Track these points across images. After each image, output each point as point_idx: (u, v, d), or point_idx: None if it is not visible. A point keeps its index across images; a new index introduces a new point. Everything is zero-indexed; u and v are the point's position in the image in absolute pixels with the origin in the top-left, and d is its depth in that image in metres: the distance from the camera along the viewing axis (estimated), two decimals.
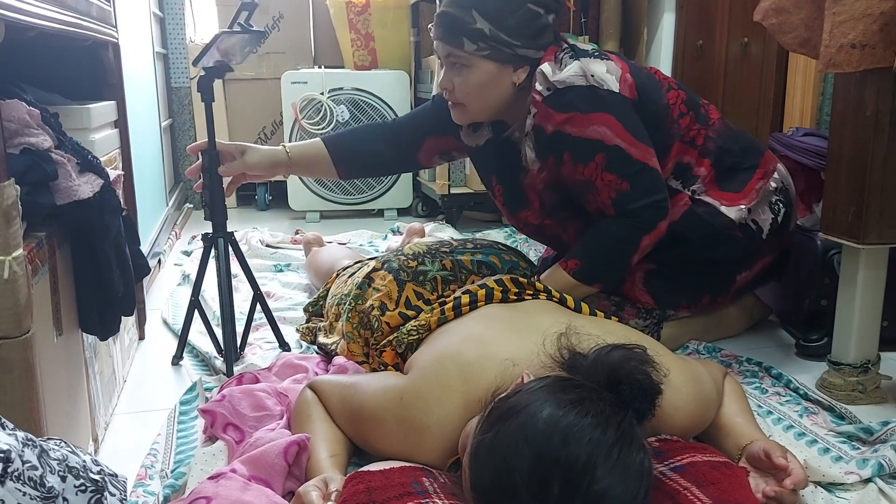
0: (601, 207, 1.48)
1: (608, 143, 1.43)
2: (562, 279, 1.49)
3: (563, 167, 1.48)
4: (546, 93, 1.46)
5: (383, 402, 1.10)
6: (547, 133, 1.46)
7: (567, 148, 1.46)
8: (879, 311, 1.42)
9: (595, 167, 1.45)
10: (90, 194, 1.07)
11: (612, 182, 1.45)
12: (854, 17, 1.23)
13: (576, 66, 1.45)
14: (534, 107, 1.47)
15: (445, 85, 1.50)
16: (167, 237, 2.61)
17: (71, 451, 0.75)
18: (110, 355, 1.42)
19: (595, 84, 1.44)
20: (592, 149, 1.44)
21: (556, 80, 1.45)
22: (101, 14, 1.52)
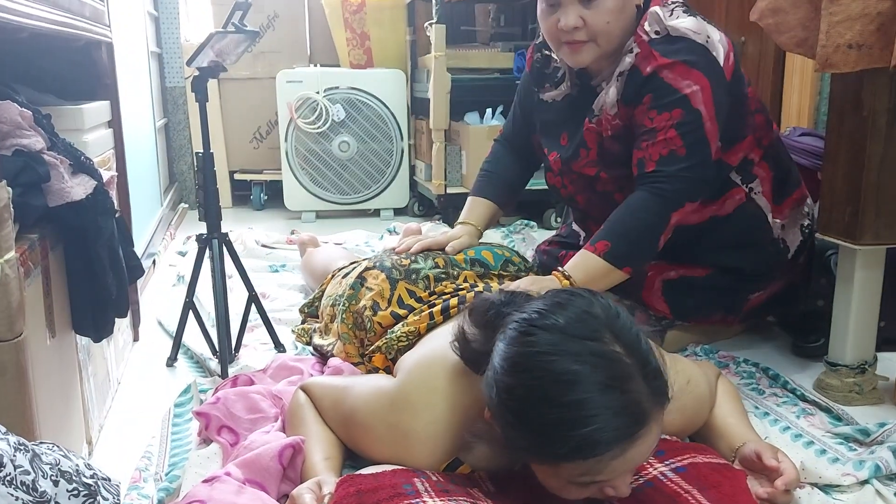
0: (644, 159, 1.41)
1: (693, 104, 1.38)
2: (593, 264, 1.38)
3: (637, 108, 1.43)
4: (654, 35, 1.41)
5: (374, 408, 1.10)
6: (643, 74, 1.41)
7: (652, 90, 1.40)
8: (876, 311, 1.42)
9: (668, 118, 1.39)
10: (83, 196, 1.06)
11: (672, 140, 1.39)
12: (851, 18, 1.22)
13: (692, 21, 1.42)
14: (637, 46, 1.42)
15: (574, 23, 1.40)
16: (162, 237, 2.60)
17: (63, 454, 0.74)
18: (104, 357, 1.41)
19: (707, 46, 1.40)
20: (675, 101, 1.38)
21: (671, 26, 1.40)
22: (94, 14, 1.51)
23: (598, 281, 1.35)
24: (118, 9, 2.00)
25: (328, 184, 3.21)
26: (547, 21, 1.44)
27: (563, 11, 1.41)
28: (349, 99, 3.15)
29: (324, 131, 3.14)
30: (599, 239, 1.40)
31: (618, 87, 1.45)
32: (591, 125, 1.51)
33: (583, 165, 1.55)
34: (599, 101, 1.49)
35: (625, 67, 1.43)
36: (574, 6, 1.40)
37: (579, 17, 1.39)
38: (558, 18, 1.41)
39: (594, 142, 1.52)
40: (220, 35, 1.42)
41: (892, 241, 1.35)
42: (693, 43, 1.40)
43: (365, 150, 3.21)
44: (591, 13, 1.39)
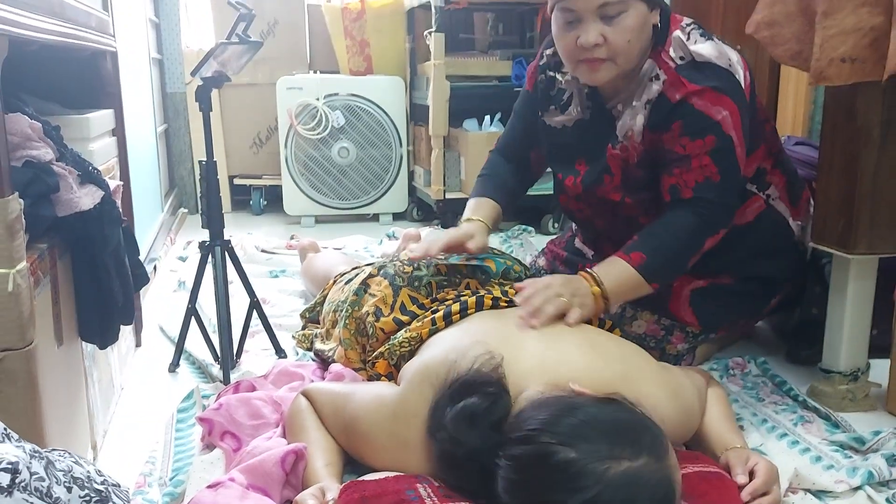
0: (679, 186, 1.39)
1: (725, 130, 1.36)
2: (626, 275, 1.35)
3: (665, 135, 1.40)
4: (679, 61, 1.39)
5: (375, 417, 1.11)
6: (672, 102, 1.38)
7: (682, 117, 1.38)
8: (869, 319, 1.45)
9: (701, 146, 1.37)
10: (91, 206, 1.08)
11: (707, 167, 1.38)
12: (844, 32, 1.25)
13: (712, 46, 1.40)
14: (664, 73, 1.40)
15: (595, 40, 1.35)
16: (162, 243, 2.62)
17: (75, 461, 0.76)
18: (108, 363, 1.43)
19: (731, 70, 1.39)
20: (708, 128, 1.37)
21: (695, 52, 1.39)
22: (99, 24, 1.53)
23: (626, 293, 1.36)
24: (121, 17, 2.01)
25: (327, 189, 3.23)
26: (565, 38, 1.40)
27: (583, 28, 1.36)
28: (349, 105, 3.17)
29: (323, 137, 3.16)
30: (634, 250, 1.37)
31: (645, 115, 1.42)
32: (616, 152, 1.48)
33: (607, 191, 1.52)
34: (624, 128, 1.46)
35: (652, 95, 1.41)
36: (595, 23, 1.35)
37: (600, 34, 1.35)
38: (578, 35, 1.37)
39: (618, 168, 1.49)
40: (225, 46, 1.44)
41: (884, 251, 1.38)
42: (719, 68, 1.38)
43: (364, 156, 3.23)
44: (612, 30, 1.35)
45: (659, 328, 1.57)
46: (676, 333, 1.57)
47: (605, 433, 0.86)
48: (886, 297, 1.49)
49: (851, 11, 1.24)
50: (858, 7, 1.23)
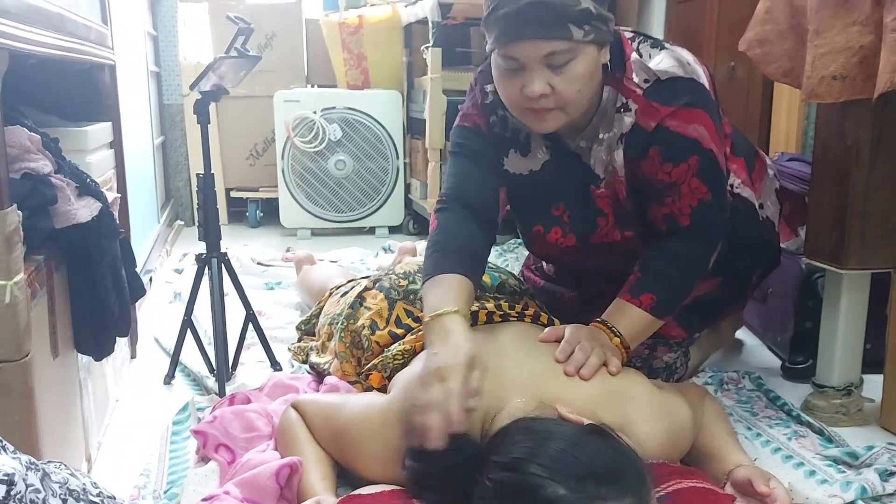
0: (674, 215, 1.33)
1: (704, 145, 1.30)
2: (639, 319, 1.30)
3: (643, 163, 1.32)
4: (644, 85, 1.29)
5: (366, 426, 1.12)
6: (648, 131, 1.29)
7: (658, 143, 1.30)
8: (862, 334, 1.45)
9: (686, 169, 1.30)
10: (88, 218, 1.09)
11: (697, 189, 1.31)
12: (835, 50, 1.26)
13: (667, 56, 1.31)
14: (633, 102, 1.30)
15: (541, 90, 1.21)
16: (158, 255, 2.62)
17: (71, 473, 0.76)
18: (103, 374, 1.43)
19: (693, 76, 1.31)
20: (688, 149, 1.29)
21: (658, 70, 1.29)
22: (99, 37, 1.54)
23: (641, 336, 1.32)
24: (120, 30, 2.03)
25: (324, 201, 3.24)
26: (508, 85, 1.25)
27: (528, 77, 1.21)
28: (346, 118, 3.19)
29: (320, 150, 3.17)
30: (642, 291, 1.31)
31: (622, 150, 1.33)
32: (602, 191, 1.38)
33: (604, 235, 1.42)
34: (603, 164, 1.36)
35: (625, 129, 1.32)
36: (541, 71, 1.20)
37: (547, 84, 1.21)
38: (522, 84, 1.22)
39: (610, 207, 1.40)
40: (224, 59, 1.45)
41: (876, 266, 1.39)
42: (683, 80, 1.30)
43: (361, 169, 3.24)
44: (560, 80, 1.21)
45: (643, 347, 1.51)
46: (660, 348, 1.56)
47: (593, 471, 0.84)
48: (879, 313, 1.50)
49: (842, 30, 1.26)
50: (849, 26, 1.25)
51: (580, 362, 1.16)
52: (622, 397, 1.13)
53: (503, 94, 1.29)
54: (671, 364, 1.57)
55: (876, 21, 1.21)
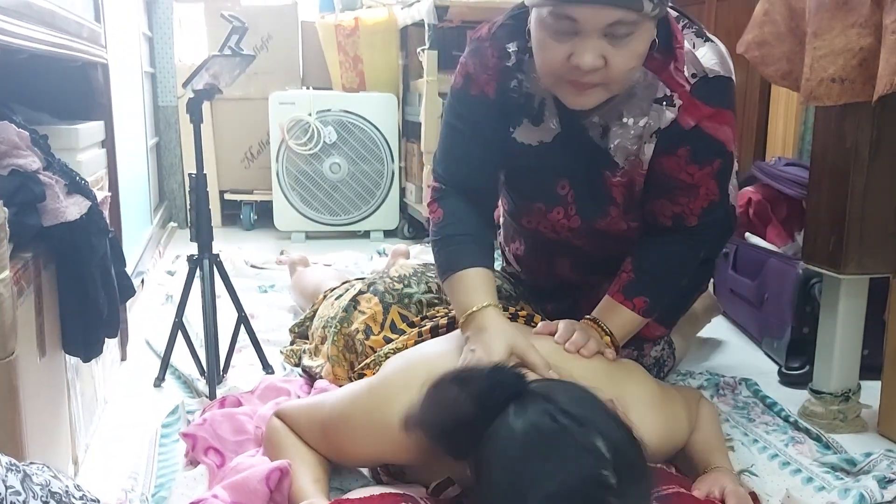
0: (684, 215, 1.29)
1: (728, 148, 1.26)
2: (630, 321, 1.29)
3: (667, 159, 1.26)
4: (692, 80, 1.21)
5: (351, 399, 1.10)
6: (685, 129, 1.22)
7: (690, 143, 1.23)
8: (860, 340, 1.44)
9: (709, 172, 1.26)
10: (77, 216, 1.07)
11: (711, 191, 1.28)
12: (834, 52, 1.25)
13: (712, 50, 1.24)
14: (679, 98, 1.22)
15: (594, 63, 1.09)
16: (151, 256, 2.60)
17: (53, 475, 0.74)
18: (92, 376, 1.41)
19: (731, 75, 1.25)
20: (715, 151, 1.25)
21: (707, 67, 1.22)
22: (91, 35, 1.52)
23: (630, 335, 1.32)
24: (114, 29, 2.01)
25: (318, 205, 3.22)
26: (553, 50, 1.12)
27: (581, 44, 1.09)
28: (341, 121, 3.17)
29: (315, 153, 3.15)
30: (636, 294, 1.28)
31: (654, 144, 1.26)
32: (618, 179, 1.31)
33: (612, 223, 1.36)
34: (626, 155, 1.28)
35: (664, 124, 1.23)
36: (597, 42, 1.08)
37: (601, 56, 1.09)
38: (571, 52, 1.10)
39: (623, 197, 1.33)
40: (217, 58, 1.43)
41: (875, 271, 1.38)
42: (724, 80, 1.24)
43: (356, 172, 3.23)
44: (616, 53, 1.10)
45: (631, 349, 1.52)
46: (646, 345, 1.56)
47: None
48: (878, 318, 1.49)
49: (841, 32, 1.25)
50: (848, 28, 1.24)
51: (580, 343, 1.15)
52: (623, 382, 1.13)
53: (542, 58, 1.15)
54: (659, 359, 1.57)
55: (875, 23, 1.20)
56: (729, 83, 1.26)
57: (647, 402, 1.12)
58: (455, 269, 1.22)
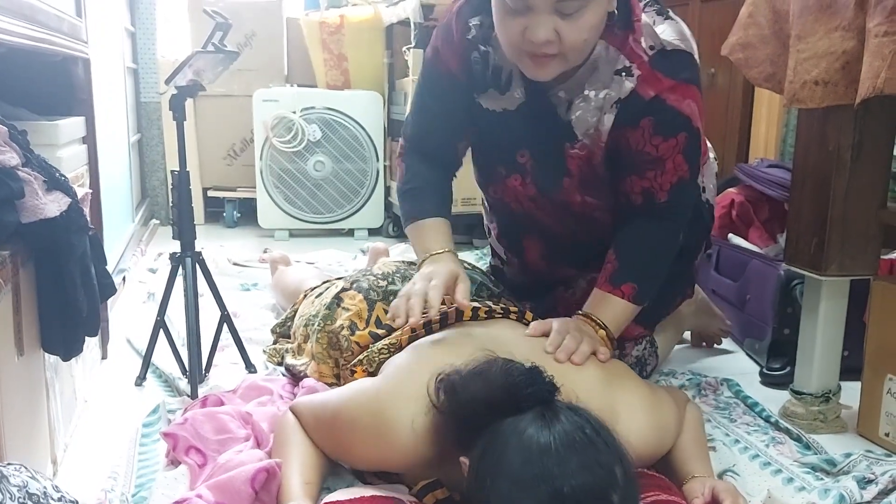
0: (653, 190, 1.30)
1: (694, 122, 1.27)
2: (622, 310, 1.31)
3: (631, 132, 1.27)
4: (650, 52, 1.25)
5: (358, 402, 1.09)
6: (646, 99, 1.25)
7: (653, 114, 1.25)
8: (840, 341, 1.45)
9: (674, 145, 1.27)
10: (57, 213, 1.06)
11: (679, 166, 1.28)
12: (817, 55, 1.26)
13: (671, 26, 1.28)
14: (637, 69, 1.25)
15: (546, 37, 1.15)
16: (132, 254, 2.58)
17: (31, 476, 0.73)
18: (71, 375, 1.39)
19: (692, 52, 1.28)
20: (680, 125, 1.26)
21: (665, 40, 1.25)
22: (72, 30, 1.51)
23: (624, 324, 1.32)
24: (96, 24, 1.99)
25: (302, 203, 3.21)
26: (509, 25, 1.19)
27: (533, 19, 1.16)
28: (325, 119, 3.16)
29: (299, 150, 3.14)
30: (623, 281, 1.30)
31: (613, 115, 1.29)
32: (576, 151, 1.34)
33: (566, 194, 1.40)
34: (585, 127, 1.31)
35: (623, 94, 1.26)
36: (548, 16, 1.15)
37: (553, 31, 1.16)
38: (525, 27, 1.17)
39: (578, 168, 1.36)
40: (201, 55, 1.42)
41: (856, 273, 1.39)
42: (685, 55, 1.27)
43: (340, 170, 3.22)
44: (568, 27, 1.16)
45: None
46: (627, 344, 1.57)
47: None
48: (858, 320, 1.50)
49: (824, 35, 1.25)
50: (831, 31, 1.25)
51: (571, 349, 1.15)
52: (613, 386, 1.13)
53: (501, 34, 1.23)
54: (641, 357, 1.57)
55: (859, 27, 1.21)
56: (689, 58, 1.28)
57: (638, 408, 1.12)
58: (416, 218, 1.38)
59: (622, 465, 0.85)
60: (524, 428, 0.85)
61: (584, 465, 0.82)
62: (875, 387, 1.39)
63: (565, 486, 0.80)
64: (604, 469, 0.83)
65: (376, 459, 1.08)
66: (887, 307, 1.37)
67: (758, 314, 1.77)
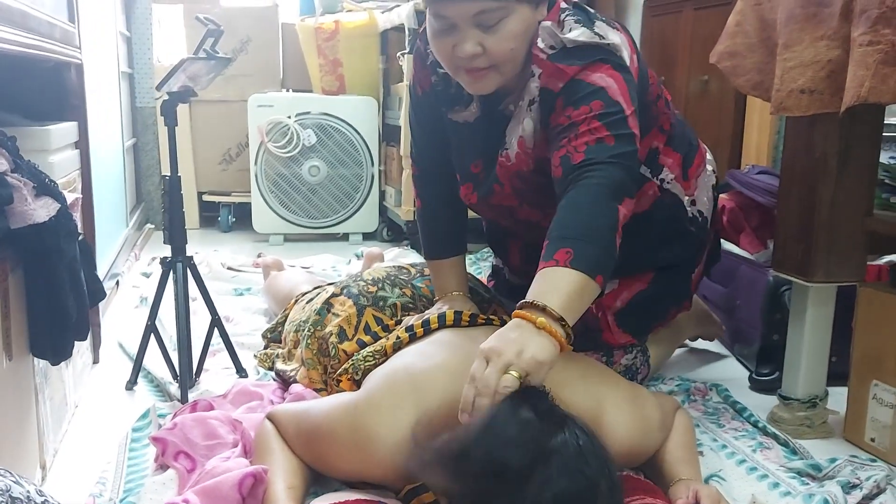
0: (569, 153, 1.19)
1: (612, 96, 1.21)
2: (564, 280, 1.05)
3: (551, 118, 1.26)
4: (550, 51, 1.26)
5: (337, 415, 1.10)
6: (555, 91, 1.24)
7: (563, 93, 1.23)
8: (827, 347, 1.46)
9: (587, 111, 1.20)
10: (46, 218, 1.06)
11: (597, 129, 1.19)
12: (803, 64, 1.27)
13: (587, 31, 1.26)
14: (537, 66, 1.26)
15: (472, 51, 1.20)
16: (126, 258, 2.58)
17: (15, 480, 0.74)
18: (62, 380, 1.40)
19: (611, 49, 1.26)
20: (592, 94, 1.21)
21: (566, 39, 1.25)
22: (64, 36, 1.51)
23: (575, 300, 1.04)
24: (90, 29, 2.00)
25: (297, 207, 3.22)
26: (440, 45, 1.24)
27: (459, 36, 1.20)
28: (320, 124, 3.16)
29: (294, 155, 3.14)
30: (556, 250, 1.09)
31: (533, 118, 1.30)
32: (502, 160, 1.36)
33: (502, 200, 1.42)
34: (513, 133, 1.33)
35: (533, 95, 1.28)
36: (472, 31, 1.19)
37: (478, 44, 1.20)
38: (454, 43, 1.21)
39: (507, 177, 1.37)
40: (192, 61, 1.43)
41: (842, 279, 1.40)
42: (593, 46, 1.25)
43: (335, 175, 3.22)
44: (491, 39, 1.20)
45: (599, 356, 1.53)
46: (616, 353, 1.57)
47: None
48: (846, 326, 1.51)
49: (810, 44, 1.26)
50: (817, 40, 1.26)
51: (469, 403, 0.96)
52: (594, 382, 1.14)
53: (437, 55, 1.29)
54: (631, 366, 1.58)
55: (844, 36, 1.22)
56: (595, 48, 1.25)
57: (622, 401, 1.14)
58: (433, 258, 1.50)
59: (609, 479, 0.85)
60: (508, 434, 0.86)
61: (569, 474, 0.82)
62: (861, 392, 1.40)
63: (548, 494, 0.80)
64: (589, 480, 0.83)
65: (356, 472, 1.09)
66: (873, 313, 1.38)
67: (747, 320, 1.78)
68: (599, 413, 1.10)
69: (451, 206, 1.51)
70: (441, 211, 1.52)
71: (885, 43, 1.14)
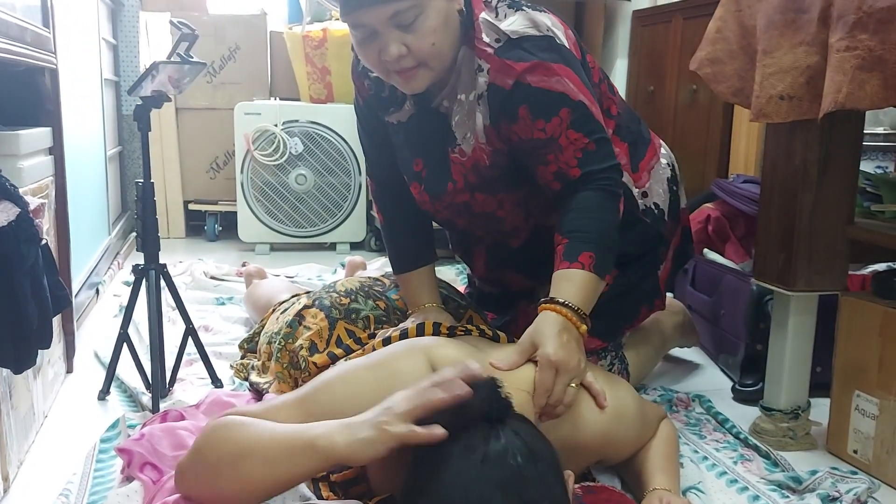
0: (563, 169, 1.27)
1: (573, 97, 1.26)
2: (587, 283, 1.21)
3: (515, 125, 1.29)
4: (496, 44, 1.28)
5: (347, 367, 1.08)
6: (506, 89, 1.27)
7: (526, 101, 1.26)
8: (809, 357, 1.44)
9: (559, 122, 1.26)
10: (5, 223, 1.04)
11: (577, 140, 1.27)
12: (782, 70, 1.26)
13: (521, 17, 1.29)
14: (484, 62, 1.28)
15: (397, 52, 1.22)
16: (108, 267, 2.55)
17: None
18: (29, 389, 1.37)
19: (549, 35, 1.29)
20: (556, 102, 1.26)
21: (509, 30, 1.27)
22: (36, 40, 1.49)
23: (592, 299, 1.21)
24: (67, 35, 1.97)
25: (284, 216, 3.19)
26: (366, 51, 1.26)
27: (381, 40, 1.23)
28: (308, 132, 3.15)
29: (281, 164, 3.12)
30: (579, 252, 1.22)
31: (483, 112, 1.31)
32: (456, 156, 1.37)
33: (454, 196, 1.42)
34: (463, 130, 1.35)
35: (481, 89, 1.30)
36: (393, 33, 1.21)
37: (401, 45, 1.22)
38: (379, 49, 1.24)
39: (461, 174, 1.38)
40: (163, 65, 1.41)
41: (823, 288, 1.38)
42: (537, 38, 1.28)
43: (322, 184, 3.20)
44: (413, 38, 1.22)
45: None
46: (589, 359, 1.52)
47: None
48: (830, 336, 1.49)
49: (789, 50, 1.25)
50: (795, 46, 1.24)
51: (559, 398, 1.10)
52: None
53: (366, 62, 1.31)
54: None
55: (822, 42, 1.21)
56: (545, 41, 1.28)
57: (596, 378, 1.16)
58: (401, 271, 1.49)
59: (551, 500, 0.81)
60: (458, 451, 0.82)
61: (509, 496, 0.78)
62: (844, 403, 1.38)
63: None
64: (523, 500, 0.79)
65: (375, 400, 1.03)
66: (855, 323, 1.36)
67: (731, 329, 1.76)
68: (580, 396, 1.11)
69: (413, 216, 1.50)
70: (403, 223, 1.52)
71: (862, 49, 1.12)
